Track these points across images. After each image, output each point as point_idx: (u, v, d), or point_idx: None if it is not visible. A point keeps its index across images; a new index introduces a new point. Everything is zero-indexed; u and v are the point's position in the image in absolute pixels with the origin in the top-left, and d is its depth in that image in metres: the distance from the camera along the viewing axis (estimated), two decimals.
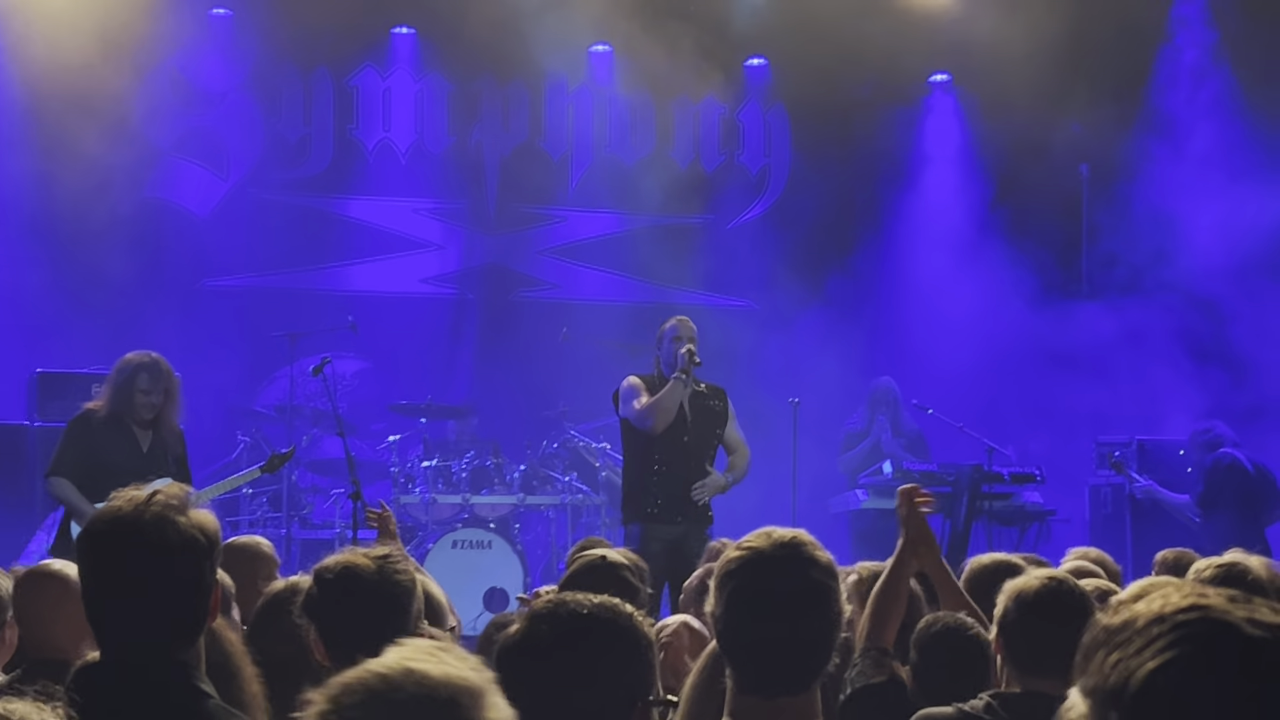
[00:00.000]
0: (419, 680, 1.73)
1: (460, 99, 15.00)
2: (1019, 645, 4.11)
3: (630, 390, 9.35)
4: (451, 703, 1.72)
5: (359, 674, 1.76)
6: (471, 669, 1.79)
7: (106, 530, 3.10)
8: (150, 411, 8.89)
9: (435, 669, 1.75)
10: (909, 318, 15.15)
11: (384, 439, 12.68)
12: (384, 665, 1.76)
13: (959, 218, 15.33)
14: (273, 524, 12.05)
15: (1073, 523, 13.08)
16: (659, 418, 9.14)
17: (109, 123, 13.16)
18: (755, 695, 3.10)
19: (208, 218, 14.23)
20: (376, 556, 3.63)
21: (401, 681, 1.73)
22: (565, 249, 15.28)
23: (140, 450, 8.91)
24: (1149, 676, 1.40)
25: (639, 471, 9.31)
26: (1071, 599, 4.10)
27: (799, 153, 15.68)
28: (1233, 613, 1.44)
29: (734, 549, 3.19)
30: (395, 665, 1.75)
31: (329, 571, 3.62)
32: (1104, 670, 1.43)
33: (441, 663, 1.77)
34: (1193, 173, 14.23)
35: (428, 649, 1.80)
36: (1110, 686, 1.42)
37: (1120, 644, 1.44)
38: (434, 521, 12.08)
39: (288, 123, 14.58)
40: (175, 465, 8.98)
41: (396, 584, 3.58)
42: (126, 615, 3.07)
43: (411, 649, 1.80)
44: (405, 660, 1.77)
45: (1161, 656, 1.41)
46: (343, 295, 14.26)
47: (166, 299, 13.37)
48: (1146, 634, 1.43)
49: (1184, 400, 13.66)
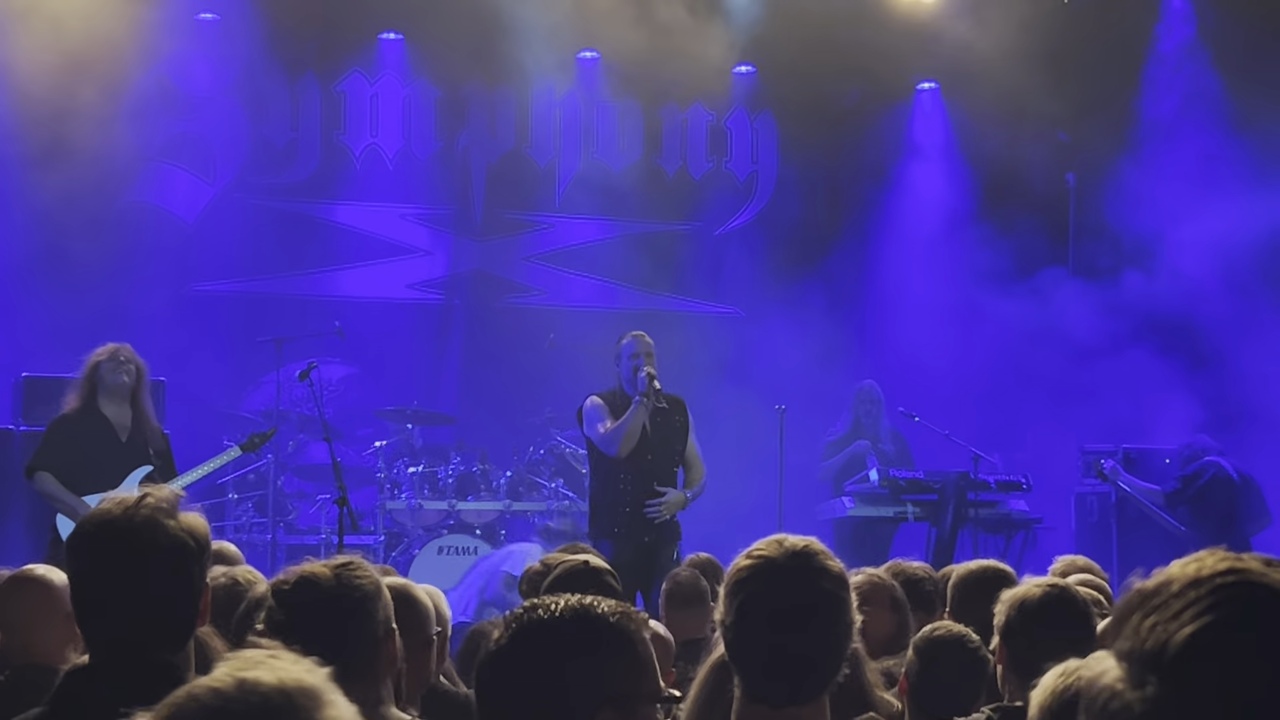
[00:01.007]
0: (251, 688, 1.69)
1: (447, 105, 14.99)
2: (1021, 655, 4.08)
3: (594, 412, 9.51)
4: (288, 707, 1.69)
5: (189, 691, 1.73)
6: (306, 670, 1.75)
7: (96, 532, 3.09)
8: (123, 387, 8.97)
9: (267, 675, 1.71)
10: (895, 325, 15.16)
11: (370, 444, 12.66)
12: (214, 679, 1.72)
13: (945, 225, 15.35)
14: (258, 529, 12.03)
15: (1059, 531, 13.09)
16: (624, 444, 9.34)
17: (95, 127, 13.12)
18: (764, 704, 3.07)
19: (194, 223, 14.21)
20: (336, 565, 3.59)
21: (234, 693, 1.69)
22: (552, 255, 15.27)
23: (119, 441, 8.97)
24: (1188, 638, 1.40)
25: (606, 490, 9.48)
26: (1074, 607, 4.09)
27: (786, 159, 15.70)
28: (1270, 574, 1.44)
29: (745, 557, 3.15)
30: (225, 677, 1.72)
31: (286, 584, 3.57)
32: (1140, 634, 1.43)
33: (273, 668, 1.73)
34: (1180, 182, 14.25)
35: (259, 657, 1.77)
36: (1148, 649, 1.41)
37: (1157, 608, 1.44)
38: (420, 527, 12.06)
39: (275, 128, 14.56)
40: (159, 459, 9.04)
41: (356, 590, 3.53)
42: (116, 618, 3.07)
43: (241, 660, 1.76)
44: (235, 671, 1.73)
45: (1201, 620, 1.40)
46: (329, 300, 14.24)
47: (153, 303, 13.32)
48: (1184, 597, 1.43)
49: (1171, 410, 13.68)
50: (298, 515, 12.54)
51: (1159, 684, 1.40)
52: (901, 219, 15.60)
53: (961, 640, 4.60)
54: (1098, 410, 14.18)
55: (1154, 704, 1.39)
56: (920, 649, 4.60)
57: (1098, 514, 13.40)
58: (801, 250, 15.05)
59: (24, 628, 4.26)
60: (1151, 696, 1.40)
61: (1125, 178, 14.68)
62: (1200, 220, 14.07)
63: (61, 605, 3.16)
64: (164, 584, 3.06)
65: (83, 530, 3.13)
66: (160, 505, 3.08)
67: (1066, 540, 12.90)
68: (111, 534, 3.06)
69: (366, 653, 3.43)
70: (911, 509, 11.99)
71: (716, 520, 10.30)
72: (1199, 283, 14.19)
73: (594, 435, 9.47)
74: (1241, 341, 13.99)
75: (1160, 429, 13.58)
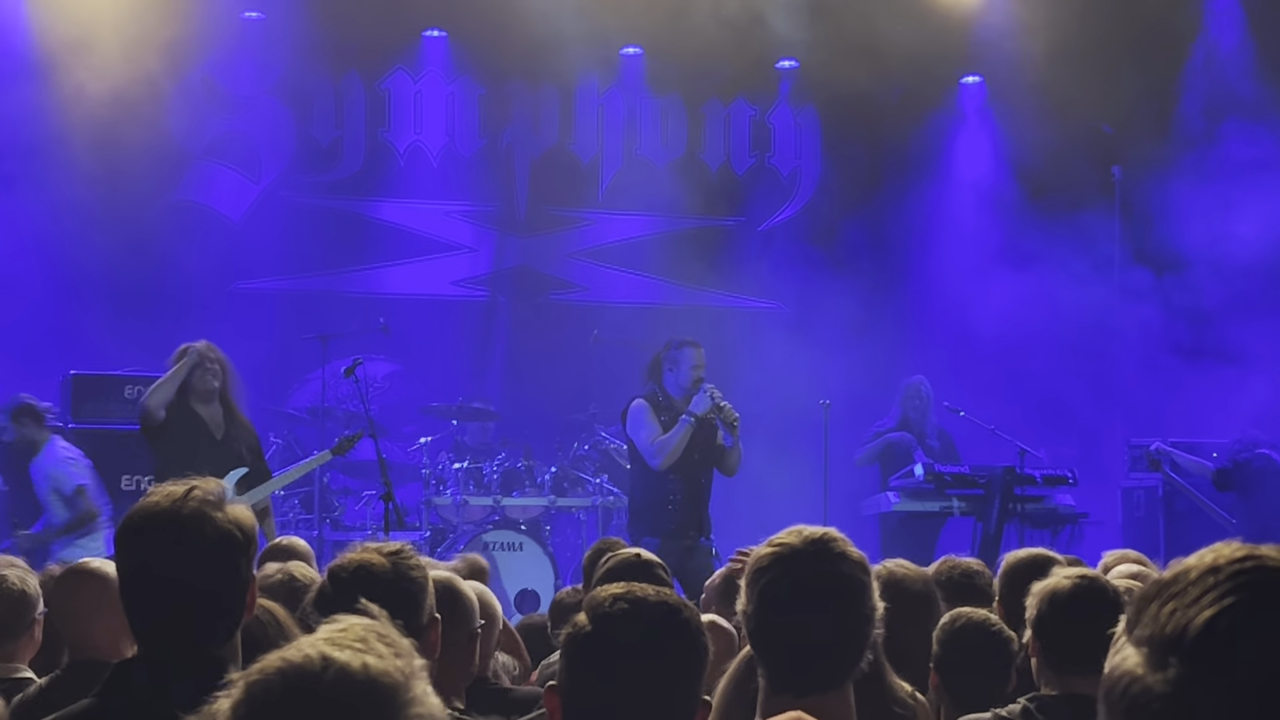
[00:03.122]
0: (339, 671, 1.67)
1: (491, 102, 15.02)
2: (1054, 646, 4.08)
3: (640, 417, 9.64)
4: (369, 695, 1.66)
5: (275, 660, 1.70)
6: (398, 657, 1.73)
7: (143, 524, 3.11)
8: (211, 391, 9.08)
9: (357, 660, 1.69)
10: (940, 319, 15.12)
11: (415, 441, 12.69)
12: (302, 653, 1.69)
13: (989, 220, 15.29)
14: (304, 525, 12.07)
15: (1105, 525, 13.02)
16: (668, 460, 9.50)
17: (142, 127, 13.21)
18: (787, 694, 3.06)
19: (240, 221, 14.28)
20: (390, 553, 3.62)
21: (320, 672, 1.66)
22: (595, 251, 15.28)
23: (215, 439, 9.09)
24: (1208, 622, 1.41)
25: (650, 489, 9.60)
26: (1104, 597, 4.07)
27: (829, 155, 15.66)
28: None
29: (765, 546, 3.17)
30: (314, 651, 1.68)
31: (344, 570, 3.60)
32: (1159, 619, 1.44)
33: (368, 652, 1.70)
34: (1228, 175, 14.14)
35: (358, 631, 1.74)
36: (1168, 634, 1.43)
37: (1175, 594, 1.45)
38: (465, 523, 12.09)
39: (319, 126, 14.62)
40: (251, 455, 9.18)
41: (411, 580, 3.57)
42: (163, 611, 3.08)
43: (330, 633, 1.73)
44: (323, 649, 1.69)
45: (1221, 603, 1.42)
46: (374, 298, 14.29)
47: (199, 301, 13.39)
48: (1202, 583, 1.44)
49: (1220, 404, 13.59)
50: (344, 512, 12.58)
51: (1180, 665, 1.41)
52: (945, 213, 15.54)
53: (984, 626, 4.60)
54: (1145, 404, 14.11)
55: (1176, 684, 1.41)
56: (943, 639, 4.60)
57: (1144, 508, 13.35)
58: (845, 245, 15.01)
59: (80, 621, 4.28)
60: (1174, 678, 1.41)
61: (1172, 170, 14.58)
62: (1248, 213, 13.97)
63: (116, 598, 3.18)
64: (210, 576, 3.07)
65: (130, 522, 3.14)
66: (207, 498, 3.10)
67: (1113, 534, 12.84)
68: (158, 526, 3.07)
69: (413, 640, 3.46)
70: (957, 504, 11.95)
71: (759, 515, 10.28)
72: (1248, 277, 14.09)
73: (639, 442, 9.61)
74: None
75: (1208, 424, 13.49)
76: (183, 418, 9.18)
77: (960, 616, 4.67)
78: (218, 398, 9.28)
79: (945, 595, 5.48)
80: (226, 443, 9.19)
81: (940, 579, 5.65)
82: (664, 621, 2.72)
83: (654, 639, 2.71)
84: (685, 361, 9.72)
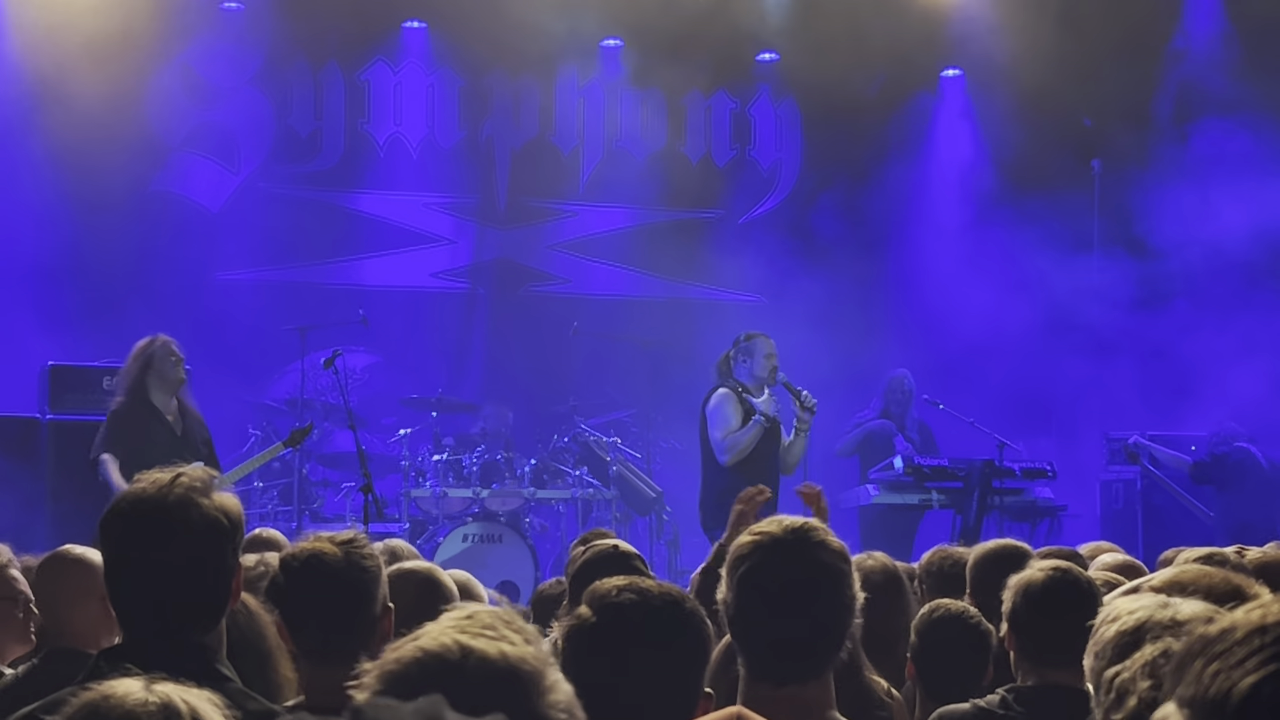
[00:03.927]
0: (471, 657, 1.68)
1: (471, 93, 14.99)
2: (1030, 638, 4.10)
3: (721, 411, 9.86)
4: (513, 680, 1.67)
5: (412, 650, 1.69)
6: (529, 643, 1.73)
7: (130, 510, 3.10)
8: (179, 381, 9.19)
9: (490, 646, 1.69)
10: (920, 312, 15.13)
11: (394, 433, 12.67)
12: (436, 641, 1.69)
13: (970, 213, 15.31)
14: (283, 517, 12.04)
15: (1084, 518, 13.06)
16: (736, 457, 9.70)
17: (120, 117, 13.16)
18: (767, 683, 3.07)
19: (219, 212, 14.22)
20: (342, 542, 3.61)
21: (460, 661, 1.67)
22: (576, 244, 15.27)
23: (175, 434, 9.13)
24: (1253, 688, 1.36)
25: (720, 480, 9.71)
26: (1078, 588, 4.09)
27: (810, 147, 15.67)
28: None
29: (746, 535, 3.17)
30: (450, 642, 1.69)
31: (295, 560, 3.58)
32: (1203, 681, 1.39)
33: (498, 638, 1.71)
34: (1207, 168, 14.18)
35: (486, 619, 1.73)
36: (1212, 697, 1.38)
37: (1220, 654, 1.40)
38: (444, 515, 12.07)
39: (299, 117, 14.58)
40: (205, 448, 9.22)
41: (363, 569, 3.55)
42: (147, 597, 3.07)
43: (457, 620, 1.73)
44: (459, 637, 1.70)
45: (1267, 668, 1.37)
46: (353, 289, 14.25)
47: (177, 293, 13.37)
48: (1249, 644, 1.39)
49: (1198, 397, 13.62)
50: (323, 503, 12.56)
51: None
52: (925, 206, 15.57)
53: (961, 617, 4.61)
54: (1123, 397, 14.14)
55: None
56: (921, 630, 4.62)
57: (1123, 501, 13.38)
58: (825, 238, 15.02)
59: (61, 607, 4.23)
60: None
61: (1151, 164, 14.62)
62: (1226, 208, 14.00)
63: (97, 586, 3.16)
64: (196, 563, 3.06)
65: (117, 508, 3.14)
66: (194, 484, 3.09)
67: (1091, 527, 12.89)
68: (145, 512, 3.07)
69: (364, 629, 3.46)
70: (936, 496, 11.97)
71: None
72: (1226, 270, 14.13)
73: (713, 435, 9.83)
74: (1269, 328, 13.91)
75: (1186, 417, 13.52)
76: (144, 410, 9.24)
77: (939, 608, 4.69)
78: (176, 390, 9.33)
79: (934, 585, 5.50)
80: (185, 438, 9.21)
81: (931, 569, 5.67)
82: (668, 611, 2.72)
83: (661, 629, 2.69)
84: (759, 351, 9.95)
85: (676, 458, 13.49)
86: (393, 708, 1.51)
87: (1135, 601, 2.92)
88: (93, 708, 1.69)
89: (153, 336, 9.50)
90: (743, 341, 10.07)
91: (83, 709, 1.70)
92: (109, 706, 1.71)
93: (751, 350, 9.98)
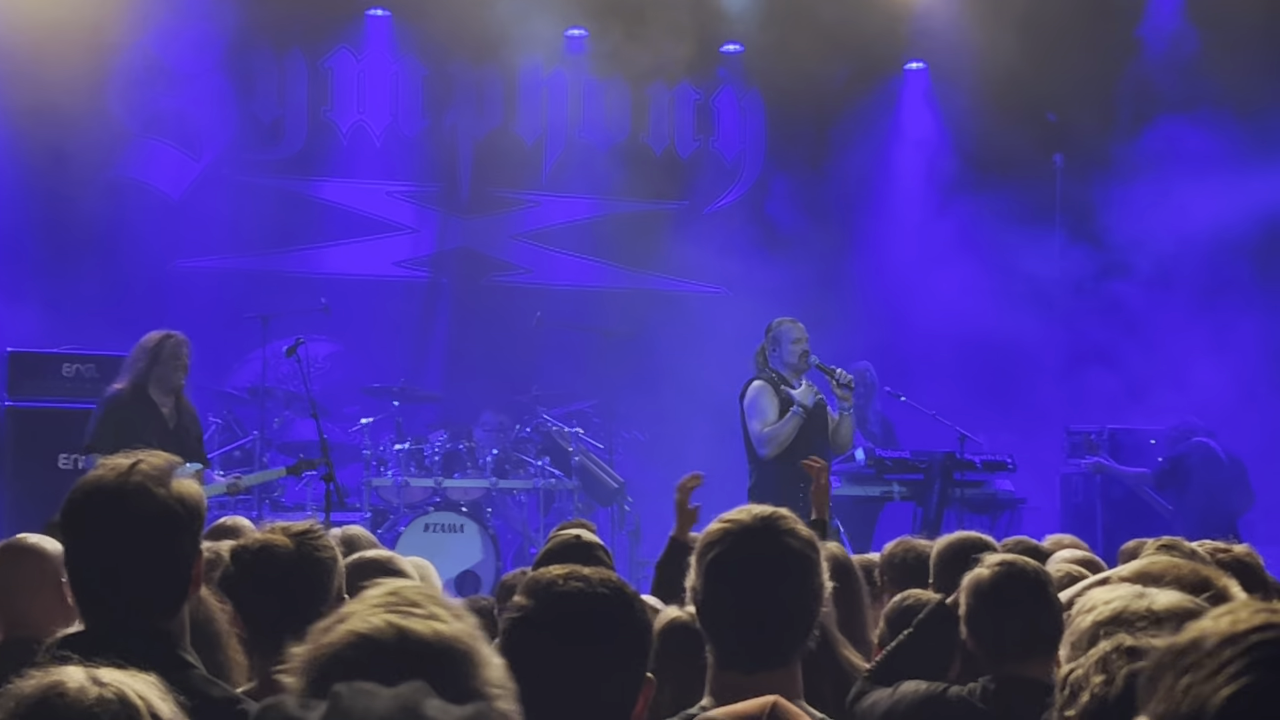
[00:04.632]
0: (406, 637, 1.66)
1: (435, 82, 14.94)
2: (987, 636, 4.12)
3: (758, 403, 9.85)
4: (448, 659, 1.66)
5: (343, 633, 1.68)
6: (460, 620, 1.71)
7: (88, 499, 3.08)
8: (178, 384, 9.40)
9: (422, 626, 1.67)
10: (883, 304, 15.15)
11: (356, 421, 12.63)
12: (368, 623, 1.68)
13: (933, 205, 15.35)
14: (244, 506, 11.98)
15: (1044, 511, 13.11)
16: (775, 449, 9.67)
17: (81, 101, 13.07)
18: (735, 671, 3.07)
19: (180, 199, 14.15)
20: (297, 534, 3.58)
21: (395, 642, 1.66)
22: (539, 234, 15.24)
23: (168, 428, 9.18)
24: (1225, 703, 1.33)
25: (761, 473, 9.78)
26: (1025, 579, 4.11)
27: (774, 139, 15.68)
28: None
29: (715, 523, 3.18)
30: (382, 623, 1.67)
31: (247, 550, 3.55)
32: (1175, 695, 1.36)
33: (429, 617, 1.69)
34: (1170, 163, 14.24)
35: (413, 595, 1.72)
36: (1185, 713, 1.35)
37: (1190, 667, 1.37)
38: (406, 505, 12.05)
39: (261, 104, 14.51)
40: (196, 444, 9.30)
41: (316, 561, 3.52)
42: (106, 584, 3.06)
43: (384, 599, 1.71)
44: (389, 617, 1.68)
45: (1237, 682, 1.33)
46: (315, 277, 14.20)
47: (139, 280, 13.31)
48: (1218, 657, 1.36)
49: (1159, 390, 13.69)
50: (284, 492, 12.50)
51: None
52: (889, 198, 15.60)
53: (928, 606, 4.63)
54: (1084, 391, 14.20)
55: None
56: (892, 619, 4.65)
57: (1082, 494, 13.44)
58: (788, 230, 15.04)
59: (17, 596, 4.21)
60: None
61: (1113, 159, 14.68)
62: (1188, 202, 14.07)
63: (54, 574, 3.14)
64: (155, 550, 3.05)
65: (76, 496, 3.12)
66: (152, 472, 3.07)
67: (1052, 520, 12.92)
68: (103, 499, 3.06)
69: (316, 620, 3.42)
70: (897, 488, 12.01)
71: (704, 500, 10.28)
72: (1187, 264, 14.21)
73: (751, 429, 9.80)
74: (1228, 324, 13.99)
75: (1147, 409, 13.59)
76: (141, 404, 9.30)
77: (909, 597, 4.72)
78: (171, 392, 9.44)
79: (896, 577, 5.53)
80: (178, 432, 9.26)
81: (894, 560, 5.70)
82: (604, 601, 2.70)
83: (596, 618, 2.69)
84: (785, 338, 9.96)
85: (638, 448, 13.52)
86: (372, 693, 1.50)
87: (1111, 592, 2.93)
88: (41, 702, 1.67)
89: (167, 334, 9.55)
90: (772, 329, 10.07)
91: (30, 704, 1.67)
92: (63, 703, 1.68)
93: (779, 338, 9.97)
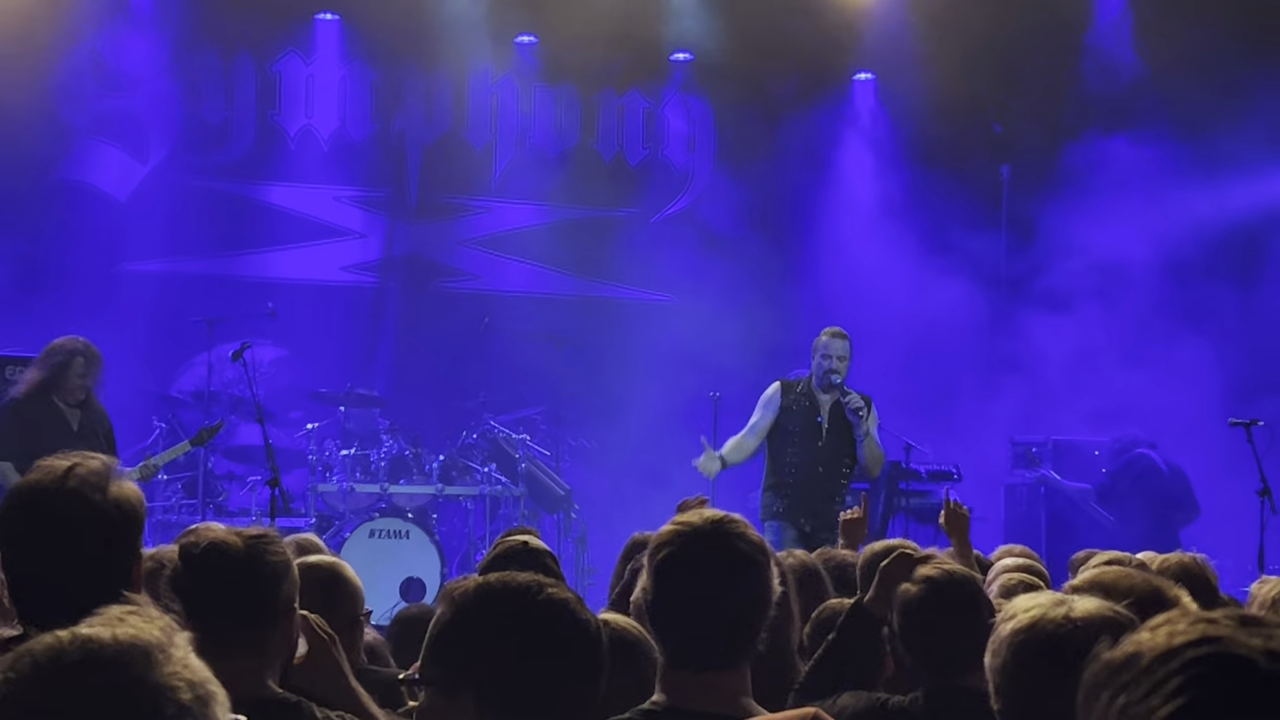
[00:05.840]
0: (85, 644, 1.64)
1: (383, 87, 14.91)
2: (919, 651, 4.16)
3: (759, 402, 10.16)
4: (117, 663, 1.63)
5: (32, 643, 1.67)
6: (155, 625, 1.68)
7: (24, 503, 3.06)
8: (82, 394, 9.12)
9: (107, 632, 1.65)
10: (830, 314, 15.12)
11: (302, 427, 12.59)
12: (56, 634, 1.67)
13: (880, 215, 15.40)
14: (187, 510, 11.93)
15: (989, 521, 13.16)
16: (734, 456, 10.06)
17: (25, 102, 12.99)
18: (685, 670, 3.13)
19: (126, 201, 14.07)
20: (249, 536, 3.51)
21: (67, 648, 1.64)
22: (487, 240, 15.22)
23: (71, 430, 9.07)
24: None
25: (773, 473, 9.98)
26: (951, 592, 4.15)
27: (723, 147, 15.71)
28: (1246, 644, 1.31)
29: (667, 525, 3.21)
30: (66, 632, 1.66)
31: (195, 548, 3.48)
32: (1110, 716, 1.32)
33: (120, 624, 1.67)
34: (1113, 173, 14.35)
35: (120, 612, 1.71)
36: None
37: (1126, 685, 1.32)
38: (351, 510, 12.00)
39: (209, 107, 14.44)
40: (104, 442, 9.18)
41: (265, 564, 3.43)
42: (45, 588, 3.03)
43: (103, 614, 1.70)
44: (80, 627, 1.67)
45: (1173, 703, 1.28)
46: (262, 282, 14.14)
47: (83, 283, 13.22)
48: (1153, 674, 1.31)
49: (1102, 401, 13.77)
50: (228, 497, 12.44)
51: None
52: (837, 208, 15.65)
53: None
54: (1028, 402, 14.27)
55: None
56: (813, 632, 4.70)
57: (1027, 505, 13.51)
58: (737, 238, 15.07)
59: None
60: None
61: (1058, 169, 14.79)
62: (1132, 214, 14.18)
63: None
64: (93, 554, 3.03)
65: (11, 499, 3.10)
66: (89, 476, 3.05)
67: (996, 531, 12.98)
68: (40, 503, 3.04)
69: (264, 628, 3.38)
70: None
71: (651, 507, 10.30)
72: (1129, 276, 14.31)
73: None
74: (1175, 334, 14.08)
75: (1091, 422, 13.67)
76: (41, 407, 9.22)
77: (827, 609, 4.79)
78: (73, 401, 9.35)
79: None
80: (82, 433, 9.16)
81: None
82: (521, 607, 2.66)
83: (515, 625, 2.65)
84: (817, 350, 10.11)
85: (585, 456, 13.51)
86: None
87: (1032, 599, 2.96)
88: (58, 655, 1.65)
89: (75, 343, 9.40)
90: (819, 338, 10.21)
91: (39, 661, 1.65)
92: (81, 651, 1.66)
93: (815, 348, 10.16)
